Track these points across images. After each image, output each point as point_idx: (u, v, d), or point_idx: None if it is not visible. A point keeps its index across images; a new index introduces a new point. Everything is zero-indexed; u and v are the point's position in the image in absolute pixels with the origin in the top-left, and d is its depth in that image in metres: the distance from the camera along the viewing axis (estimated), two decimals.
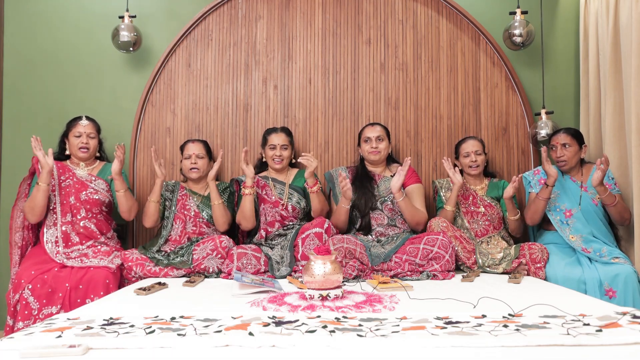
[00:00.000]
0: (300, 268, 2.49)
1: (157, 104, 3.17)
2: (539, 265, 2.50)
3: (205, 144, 2.93)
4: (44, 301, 2.33)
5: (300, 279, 2.33)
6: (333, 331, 1.40)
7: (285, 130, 2.94)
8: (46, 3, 3.24)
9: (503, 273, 2.53)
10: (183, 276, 2.57)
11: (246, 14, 3.21)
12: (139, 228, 3.10)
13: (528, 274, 2.51)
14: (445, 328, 1.42)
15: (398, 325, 1.45)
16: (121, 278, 2.56)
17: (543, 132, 2.93)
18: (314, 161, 2.65)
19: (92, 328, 1.46)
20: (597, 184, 2.50)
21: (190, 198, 2.84)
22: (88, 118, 2.80)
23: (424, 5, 3.20)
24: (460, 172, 2.97)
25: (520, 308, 1.66)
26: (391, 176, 2.88)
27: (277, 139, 2.88)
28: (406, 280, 2.35)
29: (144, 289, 2.10)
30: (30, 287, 2.33)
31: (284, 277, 2.48)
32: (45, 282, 2.35)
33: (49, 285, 2.35)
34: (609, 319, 1.49)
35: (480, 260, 2.59)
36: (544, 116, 3.00)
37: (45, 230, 2.60)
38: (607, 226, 2.68)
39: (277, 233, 2.81)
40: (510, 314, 1.59)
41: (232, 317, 1.58)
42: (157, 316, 1.61)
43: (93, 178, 2.74)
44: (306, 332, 1.40)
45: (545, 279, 2.47)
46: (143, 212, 2.80)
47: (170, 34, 3.21)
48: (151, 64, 3.21)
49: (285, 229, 2.81)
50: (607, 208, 2.60)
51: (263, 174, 2.95)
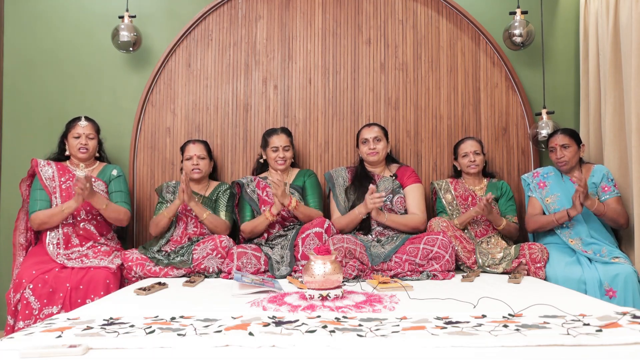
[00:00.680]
0: (300, 268, 2.49)
1: (157, 104, 3.17)
2: (539, 265, 2.50)
3: (206, 144, 2.93)
4: (45, 301, 2.33)
5: (300, 279, 2.33)
6: (333, 331, 1.40)
7: (286, 131, 2.94)
8: (46, 3, 3.24)
9: (503, 273, 2.53)
10: (183, 276, 2.57)
11: (246, 14, 3.21)
12: (139, 228, 3.10)
13: (528, 274, 2.51)
14: (445, 328, 1.42)
15: (398, 325, 1.45)
16: (121, 278, 2.56)
17: (544, 132, 2.93)
18: (279, 185, 2.58)
19: (92, 328, 1.46)
20: (579, 202, 2.50)
21: (192, 199, 2.84)
22: (87, 119, 2.79)
23: (424, 5, 3.19)
24: (459, 172, 2.98)
25: (520, 308, 1.66)
26: (390, 176, 2.88)
27: (278, 140, 2.87)
28: (406, 280, 2.35)
29: (144, 289, 2.10)
30: (31, 286, 2.33)
31: (284, 276, 2.48)
32: (46, 282, 2.35)
33: (49, 285, 2.35)
34: (609, 319, 1.49)
35: (480, 260, 2.59)
36: (544, 116, 3.00)
37: (48, 232, 2.60)
38: (607, 227, 2.67)
39: (277, 234, 2.80)
40: (510, 314, 1.59)
41: (232, 317, 1.58)
42: (157, 316, 1.61)
43: (92, 180, 2.73)
44: (306, 332, 1.40)
45: (545, 279, 2.47)
46: (154, 222, 2.78)
47: (170, 34, 3.21)
48: (151, 64, 3.21)
49: (286, 229, 2.81)
50: (600, 218, 2.60)
51: (263, 174, 2.95)
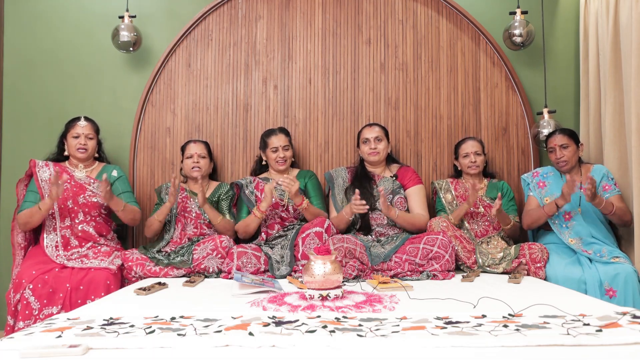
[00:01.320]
0: (300, 268, 2.49)
1: (157, 104, 3.17)
2: (539, 265, 2.50)
3: (206, 144, 2.93)
4: (45, 301, 2.33)
5: (300, 279, 2.33)
6: (333, 331, 1.40)
7: (284, 131, 2.93)
8: (46, 3, 3.24)
9: (503, 273, 2.53)
10: (183, 276, 2.57)
11: (246, 14, 3.21)
12: (139, 228, 3.09)
13: (528, 274, 2.51)
14: (445, 328, 1.42)
15: (398, 325, 1.45)
16: (122, 278, 2.56)
17: (545, 132, 2.93)
18: (295, 184, 2.61)
19: (92, 328, 1.46)
20: (588, 200, 2.49)
21: (192, 200, 2.84)
22: (87, 119, 2.79)
23: (424, 5, 3.19)
24: (460, 172, 2.98)
25: (520, 308, 1.66)
26: (391, 176, 2.88)
27: (277, 141, 2.87)
28: (406, 280, 2.35)
29: (144, 289, 2.10)
30: (31, 287, 2.33)
31: (284, 276, 2.48)
32: (46, 282, 2.35)
33: (49, 286, 2.35)
34: (609, 319, 1.49)
35: (480, 260, 2.59)
36: (546, 115, 3.00)
37: (45, 235, 2.60)
38: (607, 226, 2.67)
39: (277, 235, 2.80)
40: (510, 314, 1.59)
41: (232, 317, 1.58)
42: (157, 316, 1.61)
43: (91, 180, 2.72)
44: (306, 332, 1.39)
45: (545, 279, 2.47)
46: (147, 225, 2.80)
47: (170, 34, 3.21)
48: (151, 64, 3.21)
49: (286, 229, 2.81)
50: (607, 216, 2.60)
51: (263, 175, 2.95)
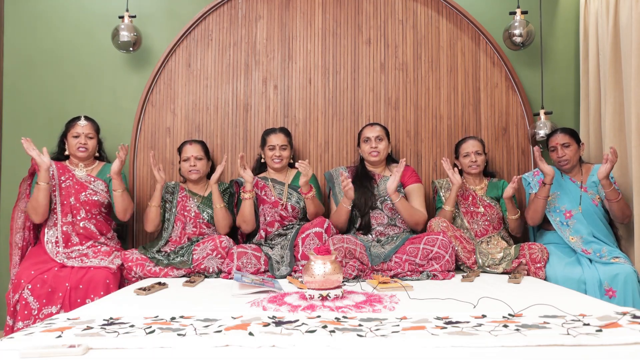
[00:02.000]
0: (300, 268, 2.49)
1: (157, 104, 3.17)
2: (539, 265, 2.50)
3: (203, 144, 2.92)
4: (44, 301, 2.33)
5: (300, 279, 2.33)
6: (333, 331, 1.40)
7: (284, 131, 2.94)
8: (46, 3, 3.24)
9: (503, 273, 2.53)
10: (183, 276, 2.57)
11: (246, 14, 3.21)
12: (139, 228, 3.10)
13: (528, 274, 2.51)
14: (445, 328, 1.42)
15: (398, 325, 1.45)
16: (121, 278, 2.56)
17: (542, 132, 2.93)
18: (310, 170, 2.64)
19: (92, 328, 1.46)
20: (603, 176, 2.48)
21: (191, 199, 2.84)
22: (87, 118, 2.79)
23: (424, 5, 3.19)
24: (460, 172, 2.98)
25: (520, 308, 1.66)
26: (390, 175, 2.88)
27: (276, 139, 2.88)
28: (406, 280, 2.35)
29: (144, 289, 2.10)
30: (30, 287, 2.33)
31: (284, 276, 2.48)
32: (45, 282, 2.35)
33: (48, 285, 2.35)
34: (609, 319, 1.49)
35: (480, 260, 2.59)
36: (542, 116, 3.00)
37: (46, 230, 2.61)
38: (607, 226, 2.67)
39: (276, 233, 2.81)
40: (510, 314, 1.59)
41: (232, 317, 1.58)
42: (157, 316, 1.61)
43: (92, 179, 2.73)
44: (306, 332, 1.40)
45: (545, 279, 2.47)
46: (144, 217, 2.80)
47: (170, 34, 3.21)
48: (151, 64, 3.21)
49: (285, 228, 2.81)
50: (610, 204, 2.57)
51: (262, 174, 2.95)
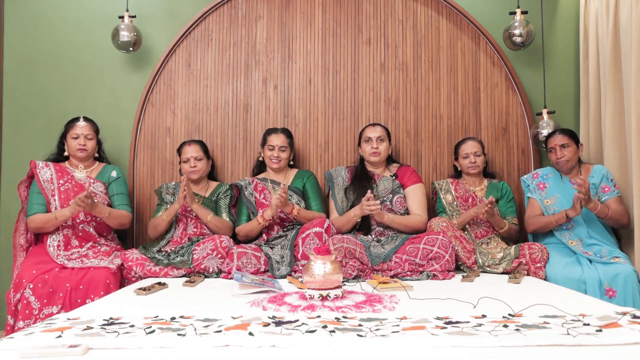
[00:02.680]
0: (300, 268, 2.49)
1: (157, 104, 3.17)
2: (539, 265, 2.50)
3: (202, 144, 2.90)
4: (45, 301, 2.33)
5: (300, 279, 2.33)
6: (333, 331, 1.40)
7: (286, 132, 2.93)
8: (46, 3, 3.24)
9: (503, 273, 2.53)
10: (183, 276, 2.57)
11: (246, 14, 3.21)
12: (139, 228, 3.10)
13: (528, 274, 2.51)
14: (445, 328, 1.42)
15: (398, 325, 1.45)
16: (121, 278, 2.56)
17: (544, 132, 2.93)
18: (280, 200, 2.57)
19: (92, 328, 1.46)
20: (583, 205, 2.50)
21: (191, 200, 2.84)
22: (86, 119, 2.79)
23: (424, 5, 3.19)
24: (460, 173, 2.98)
25: (520, 308, 1.66)
26: (390, 176, 2.88)
27: (276, 139, 2.87)
28: (406, 280, 2.35)
29: (144, 289, 2.10)
30: (31, 286, 2.33)
31: (284, 276, 2.48)
32: (46, 282, 2.35)
33: (49, 285, 2.35)
34: (609, 319, 1.49)
35: (480, 260, 2.59)
36: (545, 116, 3.00)
37: (48, 235, 2.61)
38: (607, 227, 2.67)
39: (277, 235, 2.80)
40: (510, 314, 1.59)
41: (232, 317, 1.58)
42: (157, 316, 1.61)
43: (91, 181, 2.73)
44: (306, 332, 1.40)
45: (545, 279, 2.47)
46: (152, 225, 2.78)
47: (170, 34, 3.21)
48: (151, 64, 3.21)
49: (285, 229, 2.81)
50: (603, 220, 2.60)
51: (262, 175, 2.95)
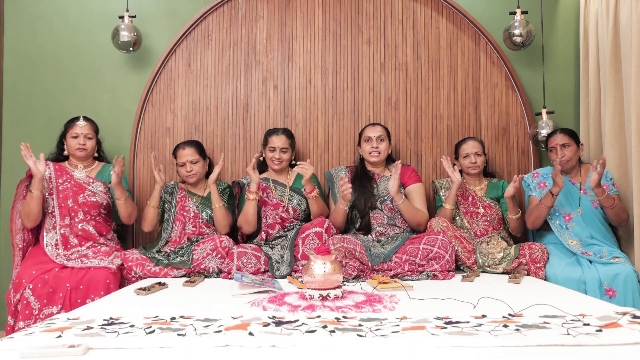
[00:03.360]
0: (300, 268, 2.49)
1: (157, 104, 3.17)
2: (539, 265, 2.50)
3: (197, 145, 2.87)
4: (45, 301, 2.33)
5: (300, 279, 2.33)
6: (333, 331, 1.40)
7: (287, 132, 2.93)
8: (46, 3, 3.24)
9: (503, 273, 2.53)
10: (183, 276, 2.57)
11: (246, 14, 3.21)
12: (139, 228, 3.10)
13: (528, 274, 2.51)
14: (445, 328, 1.42)
15: (398, 325, 1.45)
16: (121, 278, 2.56)
17: (544, 132, 2.93)
18: (310, 169, 2.66)
19: (92, 328, 1.46)
20: (594, 186, 2.51)
21: (190, 199, 2.84)
22: (85, 118, 2.78)
23: (424, 5, 3.19)
24: (460, 172, 2.98)
25: (520, 308, 1.66)
26: (390, 176, 2.88)
27: (277, 141, 2.87)
28: (406, 280, 2.35)
29: (144, 289, 2.10)
30: (31, 286, 2.33)
31: (284, 276, 2.48)
32: (46, 282, 2.35)
33: (49, 285, 2.35)
34: (609, 319, 1.49)
35: (480, 260, 2.59)
36: (544, 116, 3.00)
37: (44, 233, 2.61)
38: (606, 227, 2.67)
39: (277, 235, 2.80)
40: (510, 314, 1.59)
41: (232, 317, 1.58)
42: (157, 316, 1.61)
43: (91, 180, 2.73)
44: (306, 332, 1.40)
45: (545, 279, 2.47)
46: (142, 217, 2.81)
47: (170, 34, 3.21)
48: (151, 64, 3.21)
49: (286, 229, 2.81)
50: (605, 210, 2.60)
51: (263, 175, 2.95)
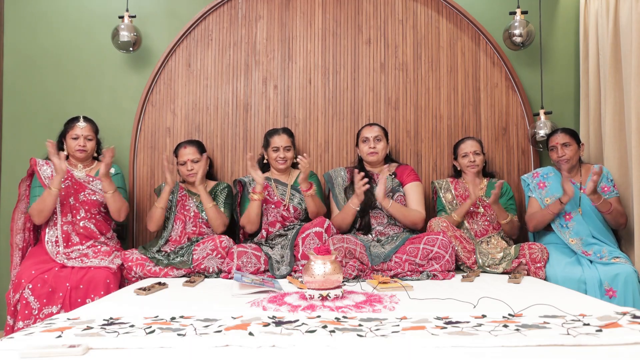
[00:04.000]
0: (300, 267, 2.49)
1: (157, 104, 3.17)
2: (539, 265, 2.50)
3: (198, 144, 2.89)
4: (45, 301, 2.33)
5: (300, 279, 2.33)
6: (333, 331, 1.40)
7: (287, 132, 2.93)
8: (46, 3, 3.24)
9: (503, 273, 2.53)
10: (183, 276, 2.57)
11: (246, 14, 3.21)
12: (139, 228, 3.10)
13: (528, 274, 2.51)
14: (445, 328, 1.42)
15: (398, 325, 1.45)
16: (121, 278, 2.56)
17: (542, 132, 2.93)
18: (308, 167, 2.67)
19: (92, 328, 1.46)
20: (589, 193, 2.52)
21: (190, 198, 2.85)
22: (85, 119, 2.78)
23: (424, 5, 3.19)
24: (459, 172, 2.98)
25: (520, 308, 1.66)
26: (390, 175, 2.88)
27: (279, 140, 2.88)
28: (406, 280, 2.35)
29: (144, 289, 2.10)
30: (30, 286, 2.33)
31: (284, 276, 2.48)
32: (45, 282, 2.35)
33: (49, 285, 2.35)
34: (609, 319, 1.49)
35: (480, 260, 2.59)
36: (542, 116, 3.00)
37: (47, 230, 2.61)
38: (607, 227, 2.67)
39: (277, 233, 2.81)
40: (510, 314, 1.59)
41: (232, 317, 1.58)
42: (157, 316, 1.61)
43: (91, 179, 2.74)
44: (306, 332, 1.40)
45: (545, 279, 2.47)
46: (149, 216, 2.81)
47: (170, 34, 3.21)
48: (151, 64, 3.21)
49: (286, 229, 2.81)
50: (603, 214, 2.60)
51: (265, 175, 2.95)
